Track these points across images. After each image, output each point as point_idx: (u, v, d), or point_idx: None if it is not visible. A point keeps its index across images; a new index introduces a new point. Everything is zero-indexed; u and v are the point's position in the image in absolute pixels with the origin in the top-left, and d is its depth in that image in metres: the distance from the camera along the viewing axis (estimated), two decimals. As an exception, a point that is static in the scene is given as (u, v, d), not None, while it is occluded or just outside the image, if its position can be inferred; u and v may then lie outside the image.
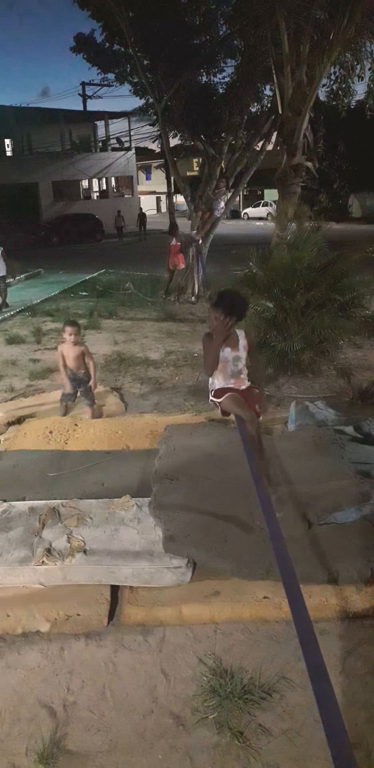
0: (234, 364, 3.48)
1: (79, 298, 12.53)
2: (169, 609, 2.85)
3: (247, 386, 3.55)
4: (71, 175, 33.34)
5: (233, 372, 3.49)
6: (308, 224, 6.63)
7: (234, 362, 3.48)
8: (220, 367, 3.49)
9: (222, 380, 3.50)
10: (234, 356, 3.48)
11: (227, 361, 3.48)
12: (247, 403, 3.46)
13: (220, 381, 3.51)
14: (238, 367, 3.50)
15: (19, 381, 6.64)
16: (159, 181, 44.75)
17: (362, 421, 4.58)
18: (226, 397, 3.44)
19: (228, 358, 3.47)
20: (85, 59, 13.40)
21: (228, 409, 3.52)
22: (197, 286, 11.50)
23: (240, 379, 3.52)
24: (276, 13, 7.88)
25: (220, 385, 3.51)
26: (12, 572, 3.00)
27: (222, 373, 3.50)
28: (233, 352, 3.47)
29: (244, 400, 3.46)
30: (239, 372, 3.51)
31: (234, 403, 3.43)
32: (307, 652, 1.64)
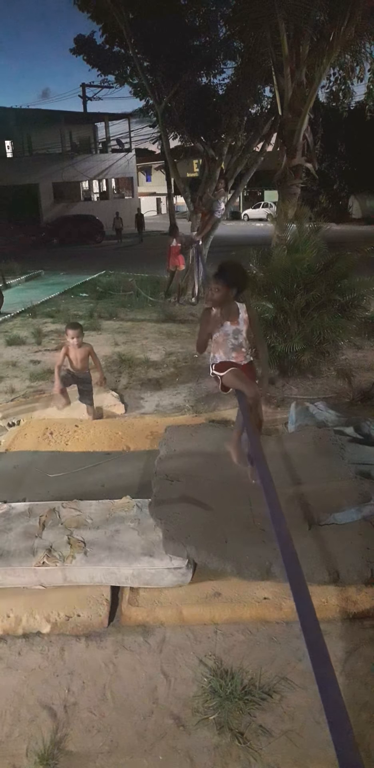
0: (234, 337, 3.44)
1: (80, 300, 12.54)
2: (169, 610, 2.85)
3: (249, 361, 3.53)
4: (71, 176, 33.39)
5: (234, 345, 3.46)
6: (308, 225, 6.63)
7: (234, 335, 3.44)
8: (221, 341, 3.46)
9: (223, 354, 3.47)
10: (235, 329, 3.44)
11: (227, 335, 3.43)
12: (248, 378, 3.45)
13: (221, 355, 3.48)
14: (239, 341, 3.46)
15: (19, 382, 6.64)
16: (159, 183, 44.80)
17: (362, 422, 4.58)
18: (228, 372, 3.41)
19: (229, 332, 3.43)
20: (85, 61, 13.42)
21: (229, 384, 3.48)
22: (197, 287, 11.50)
23: (241, 353, 3.48)
24: (276, 15, 7.88)
25: (222, 359, 3.48)
26: (12, 573, 3.00)
27: (222, 347, 3.46)
28: (233, 326, 3.43)
29: (245, 375, 3.44)
30: (240, 345, 3.47)
31: (236, 378, 3.40)
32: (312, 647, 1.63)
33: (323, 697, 1.49)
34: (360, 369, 6.46)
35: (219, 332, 3.45)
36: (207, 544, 3.02)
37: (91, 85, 32.76)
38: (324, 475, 3.72)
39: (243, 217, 38.94)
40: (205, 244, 12.02)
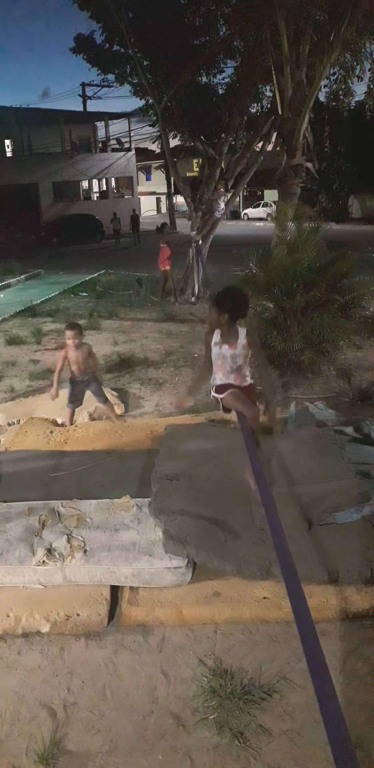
0: (232, 360, 3.46)
1: (79, 299, 12.55)
2: (169, 609, 2.85)
3: (249, 384, 3.55)
4: (71, 175, 33.37)
5: (232, 368, 3.48)
6: (308, 225, 6.63)
7: (232, 359, 3.46)
8: (219, 364, 3.49)
9: (222, 376, 3.51)
10: (232, 354, 3.46)
11: (225, 358, 3.47)
12: (248, 399, 3.46)
13: (221, 377, 3.51)
14: (237, 364, 3.48)
15: (19, 382, 6.64)
16: (159, 182, 44.82)
17: (362, 422, 4.58)
18: (228, 394, 3.44)
19: (226, 355, 3.46)
20: (85, 60, 13.38)
21: (230, 406, 3.51)
22: (197, 286, 11.50)
23: (241, 376, 3.51)
24: (276, 14, 7.88)
25: (221, 382, 3.51)
26: (12, 572, 3.00)
27: (221, 370, 3.50)
28: (231, 350, 3.46)
29: (246, 396, 3.46)
30: (238, 369, 3.49)
31: (236, 399, 3.42)
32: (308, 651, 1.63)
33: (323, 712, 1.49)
34: (360, 369, 6.46)
35: (217, 355, 3.47)
36: (207, 544, 3.02)
37: (91, 85, 32.85)
38: (323, 475, 3.71)
39: (243, 217, 38.94)
40: (205, 244, 12.01)
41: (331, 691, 1.53)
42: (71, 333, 4.84)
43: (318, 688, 1.51)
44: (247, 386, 3.53)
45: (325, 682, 1.54)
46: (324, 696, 1.51)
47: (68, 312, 10.82)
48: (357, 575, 2.87)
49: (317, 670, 1.59)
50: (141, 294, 12.10)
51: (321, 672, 1.58)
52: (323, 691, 1.52)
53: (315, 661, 1.61)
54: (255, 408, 3.44)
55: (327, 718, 1.45)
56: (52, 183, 32.51)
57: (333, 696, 1.51)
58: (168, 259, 11.60)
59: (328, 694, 1.51)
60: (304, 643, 1.69)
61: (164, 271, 11.73)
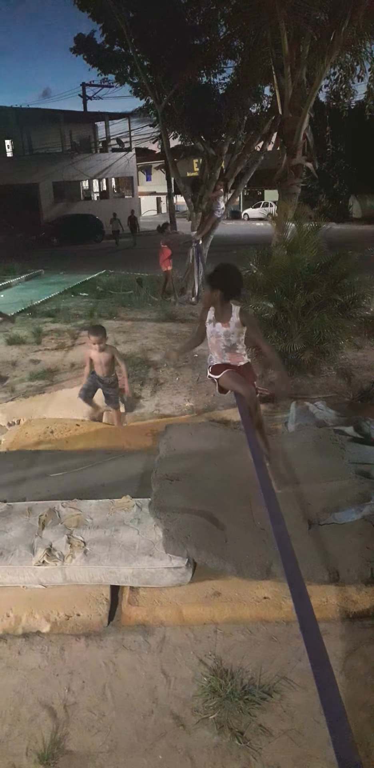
0: (226, 339, 3.45)
1: (80, 299, 12.54)
2: (169, 609, 2.85)
3: (246, 362, 3.54)
4: (71, 175, 33.38)
5: (226, 347, 3.47)
6: (308, 225, 6.63)
7: (225, 337, 3.45)
8: (213, 342, 3.49)
9: (218, 356, 3.50)
10: (225, 331, 3.44)
11: (218, 336, 3.46)
12: (246, 378, 3.45)
13: (216, 357, 3.51)
14: (231, 342, 3.46)
15: (19, 382, 6.64)
16: (159, 182, 44.83)
17: (362, 422, 4.58)
18: (224, 374, 3.43)
19: (220, 333, 3.45)
20: (86, 60, 13.38)
21: (226, 386, 3.50)
22: (197, 286, 11.50)
23: (236, 355, 3.50)
24: (277, 14, 7.87)
25: (217, 361, 3.50)
26: (12, 572, 3.00)
27: (216, 349, 3.49)
28: (224, 327, 3.45)
29: (243, 376, 3.45)
30: (233, 347, 3.48)
31: (232, 379, 3.41)
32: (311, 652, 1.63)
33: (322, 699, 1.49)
34: (360, 368, 6.46)
35: (211, 333, 3.47)
36: (207, 544, 3.02)
37: (91, 85, 32.85)
38: (324, 475, 3.72)
39: (243, 217, 38.94)
40: (205, 244, 12.01)
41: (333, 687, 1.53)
42: (95, 338, 4.75)
43: (319, 683, 1.51)
44: (244, 365, 3.52)
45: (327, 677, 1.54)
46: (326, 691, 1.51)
47: (69, 312, 10.82)
48: (358, 575, 2.87)
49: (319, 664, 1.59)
50: (141, 294, 12.10)
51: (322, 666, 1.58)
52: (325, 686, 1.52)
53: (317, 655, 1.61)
54: (252, 387, 3.43)
55: (329, 713, 1.45)
56: (53, 183, 32.52)
57: (335, 691, 1.51)
58: (169, 258, 11.60)
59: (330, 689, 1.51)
60: (307, 642, 1.70)
61: (166, 271, 11.73)
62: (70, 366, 7.27)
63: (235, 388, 3.43)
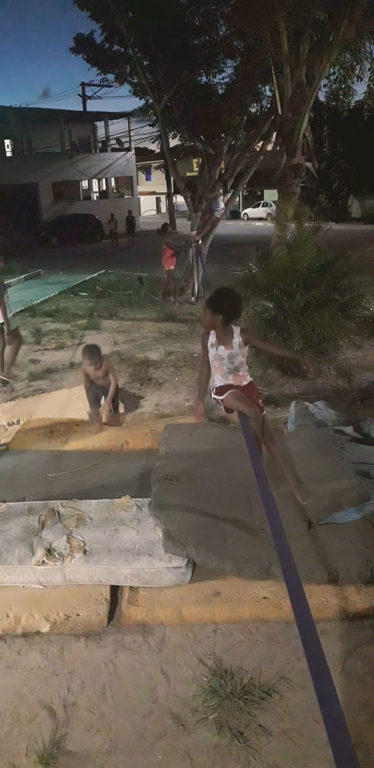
0: (229, 361, 3.47)
1: (79, 299, 12.54)
2: (168, 609, 2.85)
3: (249, 382, 3.55)
4: (71, 175, 33.37)
5: (229, 369, 3.48)
6: (307, 224, 6.63)
7: (229, 360, 3.47)
8: (217, 366, 3.50)
9: (221, 378, 3.51)
10: (229, 354, 3.46)
11: (222, 359, 3.47)
12: (250, 399, 3.46)
13: (220, 378, 3.52)
14: (234, 365, 3.48)
15: (19, 381, 6.64)
16: (159, 182, 44.79)
17: (362, 421, 4.58)
18: (228, 395, 3.44)
19: (223, 356, 3.47)
20: (85, 60, 13.40)
21: (230, 406, 3.51)
22: (197, 286, 11.50)
23: (240, 376, 3.51)
24: (276, 14, 7.87)
25: (220, 383, 3.51)
26: (12, 572, 3.00)
27: (219, 371, 3.50)
28: (227, 350, 3.46)
29: (246, 396, 3.46)
30: (236, 369, 3.49)
31: (237, 399, 3.43)
32: (309, 651, 1.63)
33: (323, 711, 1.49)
34: (360, 368, 6.46)
35: (214, 356, 3.48)
36: (206, 544, 3.02)
37: (91, 84, 32.81)
38: (323, 475, 3.71)
39: (242, 217, 38.92)
40: (205, 244, 12.02)
41: (332, 691, 1.53)
42: (89, 361, 4.84)
43: (318, 688, 1.51)
44: (247, 385, 3.54)
45: (326, 682, 1.54)
46: (325, 696, 1.51)
47: (68, 312, 10.82)
48: (357, 575, 2.87)
49: (317, 669, 1.59)
50: (141, 294, 12.10)
51: (321, 672, 1.58)
52: (323, 691, 1.52)
53: (316, 661, 1.61)
54: (256, 407, 3.45)
55: (328, 718, 1.45)
56: (52, 183, 32.51)
57: (334, 696, 1.52)
58: (171, 257, 11.58)
59: (329, 694, 1.51)
60: (305, 643, 1.70)
61: (168, 270, 11.71)
62: (69, 366, 7.27)
63: (240, 408, 3.44)
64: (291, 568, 2.06)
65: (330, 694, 1.52)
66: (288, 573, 2.05)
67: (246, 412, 3.40)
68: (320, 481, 3.66)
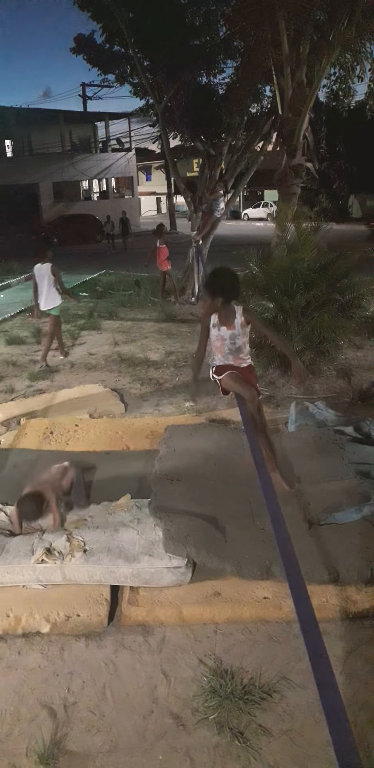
0: (231, 341, 3.48)
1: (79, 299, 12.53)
2: (169, 609, 2.85)
3: (248, 364, 3.56)
4: (71, 175, 33.40)
5: (230, 350, 3.49)
6: (308, 225, 6.63)
7: (231, 340, 3.47)
8: (218, 345, 3.50)
9: (221, 357, 3.52)
10: (231, 334, 3.46)
11: (224, 339, 3.48)
12: (248, 381, 3.47)
13: (220, 358, 3.52)
14: (236, 345, 3.48)
15: (19, 381, 6.64)
16: (159, 182, 44.82)
17: (362, 422, 4.58)
18: (226, 375, 3.45)
19: (225, 336, 3.47)
20: (85, 60, 13.40)
21: (228, 387, 3.52)
22: (197, 286, 11.50)
23: (240, 358, 3.51)
24: (276, 14, 7.87)
25: (220, 363, 3.52)
26: (11, 571, 3.00)
27: (220, 351, 3.51)
28: (229, 330, 3.47)
29: (245, 378, 3.46)
30: (238, 350, 3.50)
31: (234, 380, 3.43)
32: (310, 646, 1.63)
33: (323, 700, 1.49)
34: (360, 368, 6.46)
35: (216, 337, 3.48)
36: (206, 544, 3.02)
37: (91, 85, 32.87)
38: (324, 475, 3.72)
39: (243, 217, 38.94)
40: (205, 244, 12.01)
41: (333, 687, 1.53)
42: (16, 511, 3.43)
43: (320, 683, 1.51)
44: (246, 367, 3.54)
45: (328, 680, 1.54)
46: (326, 691, 1.51)
47: (68, 312, 10.81)
48: (358, 575, 2.87)
49: (320, 667, 1.59)
50: (141, 294, 12.09)
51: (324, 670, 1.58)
52: (325, 687, 1.52)
53: (318, 658, 1.61)
54: (253, 390, 3.45)
55: (329, 714, 1.45)
56: (52, 183, 32.54)
57: (336, 691, 1.51)
58: (167, 260, 11.55)
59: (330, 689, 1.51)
60: (307, 640, 1.70)
61: (165, 271, 11.69)
62: (70, 366, 7.27)
63: (237, 389, 3.44)
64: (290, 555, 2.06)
65: (330, 684, 1.52)
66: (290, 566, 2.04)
67: (242, 394, 3.40)
68: (320, 481, 3.66)
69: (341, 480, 3.64)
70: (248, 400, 3.38)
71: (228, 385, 3.48)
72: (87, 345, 8.33)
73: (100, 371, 6.99)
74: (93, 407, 5.45)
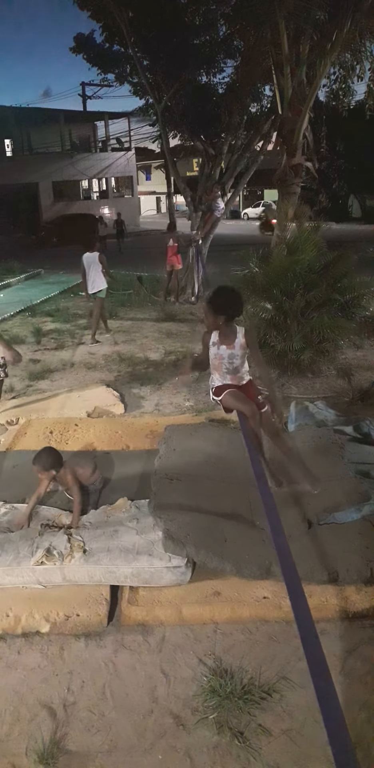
0: (229, 361, 3.46)
1: (79, 298, 12.50)
2: (168, 609, 2.85)
3: (247, 380, 3.55)
4: (71, 175, 33.36)
5: (228, 369, 3.47)
6: (307, 224, 6.63)
7: (229, 359, 3.46)
8: (216, 365, 3.49)
9: (219, 377, 3.51)
10: (230, 354, 3.45)
11: (222, 359, 3.46)
12: (248, 397, 3.46)
13: (218, 378, 3.52)
14: (234, 365, 3.47)
15: (19, 381, 6.63)
16: (159, 182, 44.74)
17: (362, 421, 4.58)
18: (226, 394, 3.44)
19: (224, 356, 3.46)
20: (85, 59, 13.40)
21: (229, 406, 3.52)
22: (197, 286, 11.50)
23: (238, 377, 3.51)
24: (276, 14, 7.87)
25: (219, 383, 3.51)
26: (11, 572, 3.00)
27: (218, 371, 3.50)
28: (228, 350, 3.45)
29: (245, 395, 3.46)
30: (236, 369, 3.49)
31: (235, 398, 3.43)
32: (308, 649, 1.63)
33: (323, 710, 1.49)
34: (360, 368, 6.46)
35: (215, 355, 3.47)
36: (206, 544, 3.02)
37: (91, 84, 32.76)
38: (323, 475, 3.71)
39: (243, 216, 38.91)
40: (205, 244, 12.01)
41: (331, 691, 1.53)
42: (36, 468, 3.48)
43: (318, 687, 1.51)
44: (246, 384, 3.53)
45: (325, 681, 1.54)
46: (324, 695, 1.51)
47: (68, 312, 10.82)
48: (357, 575, 2.87)
49: (317, 668, 1.59)
50: (141, 294, 12.09)
51: (321, 671, 1.58)
52: (323, 690, 1.52)
53: (315, 660, 1.61)
54: (254, 406, 3.44)
55: (327, 717, 1.45)
56: (52, 183, 32.49)
57: (334, 695, 1.52)
58: (176, 255, 11.51)
59: (328, 693, 1.51)
60: (304, 641, 1.70)
61: (170, 271, 11.65)
62: (70, 366, 7.27)
63: (238, 407, 3.44)
64: (289, 566, 2.06)
65: (329, 692, 1.52)
66: (287, 570, 2.05)
67: (244, 411, 3.41)
68: (320, 481, 3.65)
69: (341, 480, 3.64)
70: (249, 416, 3.38)
71: (230, 404, 3.49)
72: (87, 344, 8.34)
73: (100, 371, 6.99)
74: (92, 407, 5.44)
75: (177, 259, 11.51)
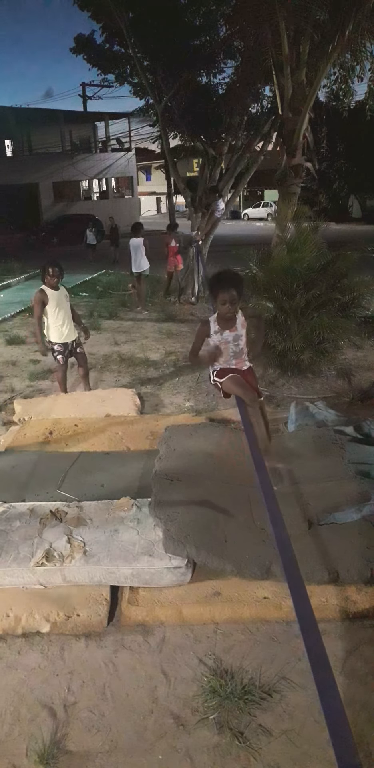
0: (234, 344, 3.50)
1: (80, 299, 12.52)
2: (169, 609, 2.85)
3: (248, 367, 3.58)
4: (71, 175, 33.36)
5: (235, 352, 3.51)
6: (307, 224, 6.63)
7: (234, 342, 3.50)
8: (222, 349, 3.51)
9: (223, 360, 3.52)
10: (234, 336, 3.49)
11: (228, 343, 3.49)
12: (248, 384, 3.48)
13: (221, 362, 3.53)
14: (239, 346, 3.52)
15: (19, 381, 6.64)
16: (159, 182, 44.78)
17: (362, 422, 4.58)
18: (227, 378, 3.46)
19: (229, 339, 3.49)
20: (85, 60, 13.41)
21: (229, 390, 3.53)
22: (197, 286, 11.50)
23: (242, 360, 3.53)
24: (277, 14, 7.86)
25: (222, 366, 3.52)
26: (11, 573, 2.99)
27: (223, 354, 3.52)
28: (232, 332, 3.49)
29: (245, 381, 3.47)
30: (241, 352, 3.53)
31: (236, 384, 3.44)
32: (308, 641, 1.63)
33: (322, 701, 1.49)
34: (360, 368, 6.46)
35: (220, 342, 3.48)
36: (206, 544, 3.02)
37: (91, 85, 32.79)
38: (324, 475, 3.72)
39: (243, 217, 38.94)
40: (205, 244, 12.01)
41: (333, 689, 1.53)
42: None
43: (319, 685, 1.51)
44: (247, 370, 3.56)
45: (327, 679, 1.54)
46: (325, 687, 1.51)
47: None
48: (357, 575, 2.87)
49: (319, 666, 1.58)
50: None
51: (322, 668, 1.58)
52: (323, 682, 1.52)
53: (317, 657, 1.61)
54: (253, 392, 3.47)
55: (328, 710, 1.45)
56: (52, 183, 32.49)
57: (336, 693, 1.51)
58: (175, 257, 11.54)
59: (330, 690, 1.51)
60: (304, 633, 1.69)
61: (170, 272, 11.67)
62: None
63: (238, 393, 3.46)
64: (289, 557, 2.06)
65: (330, 686, 1.52)
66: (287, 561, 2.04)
67: (243, 398, 3.42)
68: (320, 481, 3.66)
69: (341, 480, 3.64)
70: (248, 403, 3.40)
71: (230, 389, 3.50)
72: (87, 345, 8.29)
73: (100, 371, 6.99)
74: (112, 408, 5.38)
75: (178, 259, 11.53)
